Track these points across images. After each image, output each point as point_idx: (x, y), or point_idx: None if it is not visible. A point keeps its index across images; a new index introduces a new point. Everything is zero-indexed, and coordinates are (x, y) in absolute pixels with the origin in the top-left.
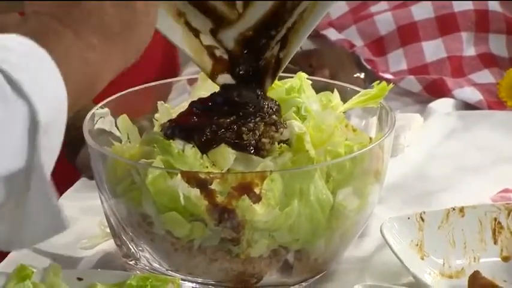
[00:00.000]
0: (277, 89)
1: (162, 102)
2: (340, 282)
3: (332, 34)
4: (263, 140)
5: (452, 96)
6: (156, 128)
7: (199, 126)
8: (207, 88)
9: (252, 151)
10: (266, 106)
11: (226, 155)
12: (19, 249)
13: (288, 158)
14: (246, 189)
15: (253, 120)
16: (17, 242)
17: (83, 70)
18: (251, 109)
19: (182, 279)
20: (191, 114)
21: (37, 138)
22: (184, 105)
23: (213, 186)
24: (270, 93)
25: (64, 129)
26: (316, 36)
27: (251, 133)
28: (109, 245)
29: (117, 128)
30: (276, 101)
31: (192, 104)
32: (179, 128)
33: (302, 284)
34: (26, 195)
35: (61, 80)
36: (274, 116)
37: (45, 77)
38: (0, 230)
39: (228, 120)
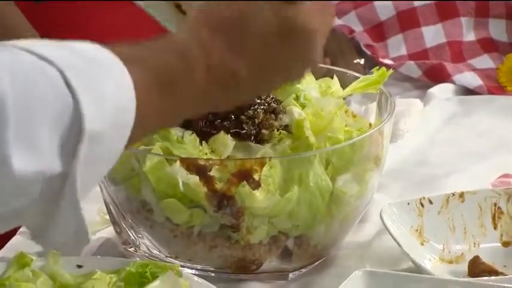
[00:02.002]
0: None
1: None
2: (340, 268)
3: None
4: (263, 131)
5: (452, 82)
6: None
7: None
8: None
9: (252, 140)
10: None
11: (226, 142)
12: (43, 246)
13: (287, 145)
14: (245, 175)
15: (252, 108)
16: (42, 237)
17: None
18: None
19: (181, 266)
20: None
21: (79, 145)
22: None
23: (212, 173)
24: None
25: (124, 144)
26: None
27: (251, 121)
28: (108, 232)
29: None
30: None
31: None
32: None
33: (302, 270)
34: (58, 200)
35: (133, 95)
36: (273, 104)
37: (111, 89)
38: (33, 221)
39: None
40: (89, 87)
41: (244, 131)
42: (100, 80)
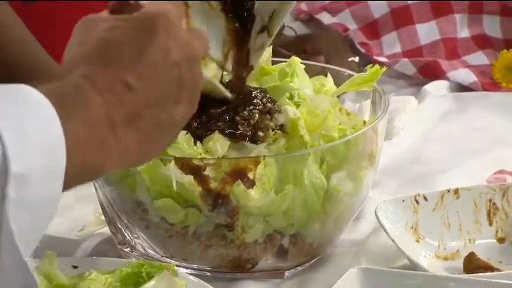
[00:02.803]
0: (270, 74)
1: None
2: (335, 266)
3: (325, 18)
4: (259, 133)
5: (446, 78)
6: None
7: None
8: None
9: (248, 141)
10: (258, 94)
11: (220, 142)
12: None
13: (282, 144)
14: (239, 174)
15: (247, 109)
16: None
17: (94, 150)
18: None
19: (177, 266)
20: None
21: (6, 187)
22: None
23: (206, 172)
24: (263, 79)
25: (57, 188)
26: (309, 20)
27: (246, 122)
28: (104, 232)
29: None
30: (262, 89)
31: None
32: None
33: (297, 268)
34: None
35: (62, 138)
36: (268, 104)
37: (40, 129)
38: None
39: (220, 110)
40: (13, 127)
41: (240, 131)
42: (25, 118)
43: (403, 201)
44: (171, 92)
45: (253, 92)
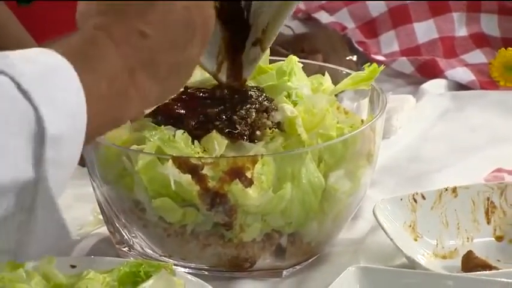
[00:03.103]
0: (268, 73)
1: None
2: (333, 265)
3: (323, 17)
4: (257, 132)
5: (444, 77)
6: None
7: (189, 115)
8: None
9: (245, 140)
10: (255, 93)
11: (218, 141)
12: (26, 260)
13: (280, 143)
14: (237, 173)
15: (244, 108)
16: (24, 253)
17: (115, 101)
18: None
19: (175, 265)
20: (179, 102)
21: (44, 148)
22: None
23: (204, 172)
24: (261, 78)
25: (81, 147)
26: (307, 19)
27: (243, 121)
28: (102, 232)
29: None
30: (259, 87)
31: (181, 93)
32: (167, 117)
33: (296, 267)
34: (33, 207)
35: (83, 98)
36: (265, 103)
37: (64, 93)
38: (11, 240)
39: (217, 110)
40: (43, 92)
41: (237, 131)
42: (53, 83)
43: (401, 199)
44: (183, 35)
45: (250, 91)
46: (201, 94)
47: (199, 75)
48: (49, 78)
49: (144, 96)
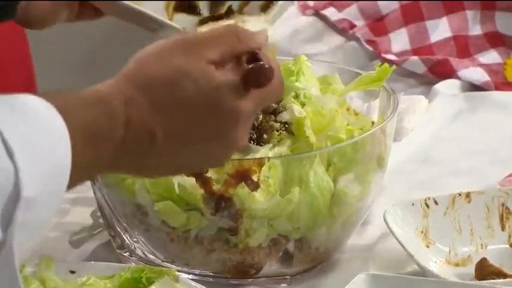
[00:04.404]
0: None
1: None
2: (342, 272)
3: (332, 14)
4: (264, 136)
5: (457, 77)
6: None
7: None
8: None
9: (252, 143)
10: None
11: None
12: None
13: (288, 146)
14: (243, 176)
15: None
16: None
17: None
18: None
19: (178, 271)
20: None
21: (15, 210)
22: None
23: (209, 174)
24: None
25: (55, 211)
26: (315, 15)
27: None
28: (103, 236)
29: None
30: None
31: None
32: None
33: (303, 274)
34: None
35: (69, 165)
36: (273, 104)
37: (49, 156)
38: None
39: None
40: (27, 150)
41: None
42: (39, 142)
43: (413, 205)
44: (192, 160)
45: None
46: None
47: None
48: (38, 139)
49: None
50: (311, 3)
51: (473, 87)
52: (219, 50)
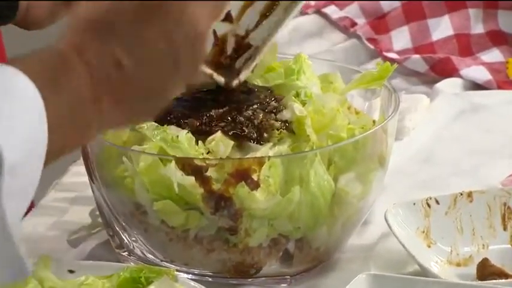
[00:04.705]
0: (276, 71)
1: None
2: (343, 272)
3: (333, 12)
4: (265, 135)
5: (460, 76)
6: None
7: (193, 115)
8: None
9: (253, 142)
10: (262, 93)
11: (223, 142)
12: None
13: (288, 145)
14: (243, 175)
15: (251, 108)
16: None
17: (75, 127)
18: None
19: (177, 271)
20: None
21: (1, 178)
22: None
23: (208, 173)
24: (268, 76)
25: (39, 174)
26: (316, 13)
27: (250, 123)
28: (101, 235)
29: None
30: (267, 87)
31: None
32: (170, 116)
33: (303, 274)
34: None
35: (44, 123)
36: (273, 103)
37: (23, 116)
38: None
39: (223, 110)
40: (1, 119)
41: (245, 133)
42: (11, 109)
43: (414, 204)
44: (165, 72)
45: (257, 90)
46: (206, 93)
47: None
48: (10, 101)
49: (105, 123)
50: (312, 2)
51: (476, 86)
52: None
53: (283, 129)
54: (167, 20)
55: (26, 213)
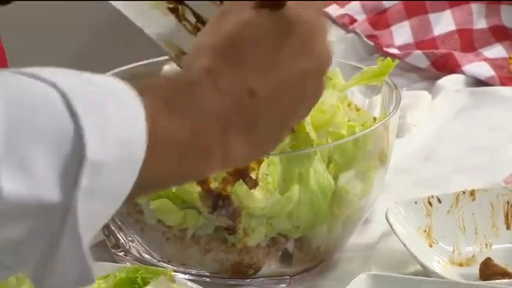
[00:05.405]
0: None
1: None
2: (343, 272)
3: (333, 9)
4: None
5: (462, 72)
6: None
7: None
8: None
9: None
10: None
11: None
12: None
13: (287, 142)
14: (241, 174)
15: None
16: (40, 286)
17: (195, 154)
18: None
19: (174, 271)
20: None
21: (80, 174)
22: None
23: None
24: None
25: (131, 181)
26: None
27: None
28: (97, 235)
29: None
30: None
31: None
32: None
33: (303, 274)
34: (59, 237)
35: (143, 128)
36: None
37: (119, 120)
38: (30, 268)
39: None
40: (93, 113)
41: None
42: (106, 106)
43: (416, 203)
44: (292, 102)
45: None
46: None
47: None
48: (103, 99)
49: (229, 157)
50: None
51: (478, 82)
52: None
53: None
54: (296, 45)
55: None
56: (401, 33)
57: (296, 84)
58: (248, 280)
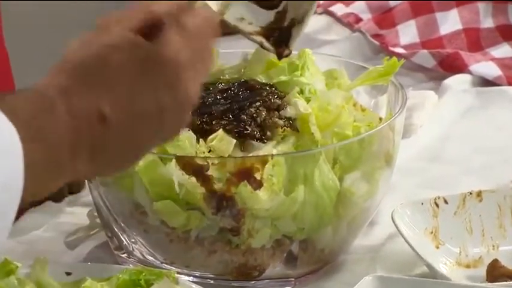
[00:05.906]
0: (279, 66)
1: None
2: (349, 274)
3: (339, 9)
4: (268, 133)
5: (469, 72)
6: None
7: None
8: None
9: (256, 141)
10: (265, 90)
11: (225, 140)
12: None
13: (292, 143)
14: (246, 174)
15: (254, 106)
16: None
17: (49, 173)
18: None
19: (178, 273)
20: None
21: None
22: None
23: (210, 173)
24: (271, 72)
25: (13, 216)
26: (324, 13)
27: (252, 121)
28: (99, 237)
29: None
30: (270, 84)
31: None
32: None
33: (308, 276)
34: None
35: (21, 171)
36: (276, 100)
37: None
38: None
39: (224, 108)
40: None
41: (247, 131)
42: None
43: (422, 204)
44: (146, 133)
45: (260, 87)
46: (207, 91)
47: None
48: None
49: (78, 173)
50: (320, 2)
51: (485, 82)
52: (136, 19)
53: (286, 127)
54: (161, 81)
55: (22, 214)
56: (407, 33)
57: (153, 117)
58: (253, 282)
